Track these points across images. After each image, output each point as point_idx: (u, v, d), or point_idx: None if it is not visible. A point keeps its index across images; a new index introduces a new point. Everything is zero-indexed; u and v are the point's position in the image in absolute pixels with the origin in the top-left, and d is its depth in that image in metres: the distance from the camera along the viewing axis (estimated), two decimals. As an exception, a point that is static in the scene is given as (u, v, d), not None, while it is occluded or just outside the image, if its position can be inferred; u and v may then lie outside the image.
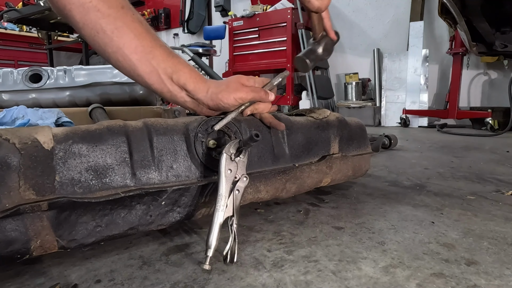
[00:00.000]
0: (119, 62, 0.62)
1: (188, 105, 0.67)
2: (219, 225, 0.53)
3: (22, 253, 0.47)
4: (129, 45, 0.60)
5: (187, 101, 0.66)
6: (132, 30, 0.60)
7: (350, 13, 4.30)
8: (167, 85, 0.63)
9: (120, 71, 0.64)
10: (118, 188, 0.52)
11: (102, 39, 0.60)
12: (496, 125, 2.90)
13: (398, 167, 1.34)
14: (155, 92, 0.66)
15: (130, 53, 0.60)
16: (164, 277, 0.51)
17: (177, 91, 0.64)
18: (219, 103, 0.63)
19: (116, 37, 0.59)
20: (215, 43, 4.60)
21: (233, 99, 0.63)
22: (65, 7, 0.58)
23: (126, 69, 0.63)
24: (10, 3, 3.54)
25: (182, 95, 0.65)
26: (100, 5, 0.58)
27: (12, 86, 1.44)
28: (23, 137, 0.47)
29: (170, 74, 0.63)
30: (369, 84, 4.09)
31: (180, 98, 0.65)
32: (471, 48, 2.35)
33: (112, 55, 0.61)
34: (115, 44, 0.60)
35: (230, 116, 0.64)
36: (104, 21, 0.58)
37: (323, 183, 0.83)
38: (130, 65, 0.61)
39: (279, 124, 0.71)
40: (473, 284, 0.48)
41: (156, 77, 0.63)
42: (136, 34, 0.60)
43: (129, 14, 0.61)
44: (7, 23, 4.71)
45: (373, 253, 0.58)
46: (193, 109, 0.67)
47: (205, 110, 0.66)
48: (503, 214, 0.78)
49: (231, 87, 0.64)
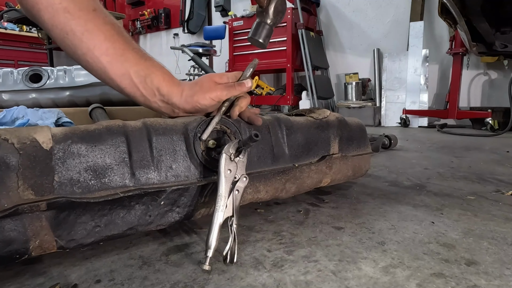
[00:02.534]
0: (89, 64, 0.60)
1: (162, 110, 0.64)
2: (219, 225, 0.53)
3: (21, 253, 0.47)
4: (100, 47, 0.58)
5: (162, 106, 0.63)
6: (103, 32, 0.58)
7: (350, 13, 4.30)
8: (140, 88, 0.61)
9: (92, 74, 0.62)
10: (117, 188, 0.52)
11: (71, 40, 0.58)
12: (496, 125, 2.90)
13: (398, 167, 1.34)
14: (128, 96, 0.64)
15: (101, 55, 0.59)
16: (164, 277, 0.51)
17: (150, 95, 0.62)
18: (195, 105, 0.62)
19: (86, 39, 0.58)
20: (215, 43, 4.60)
21: (209, 99, 0.61)
22: (33, 7, 0.57)
23: (97, 72, 0.61)
24: (10, 3, 3.54)
25: (155, 99, 0.63)
26: (70, 6, 0.56)
27: (12, 86, 1.44)
28: (22, 137, 0.47)
29: (143, 77, 0.61)
30: (369, 84, 4.09)
31: (153, 103, 0.63)
32: (471, 48, 2.35)
33: (82, 57, 0.60)
34: (85, 46, 0.58)
35: (214, 121, 0.61)
36: (74, 23, 0.57)
37: (323, 183, 0.83)
38: (100, 67, 0.60)
39: (256, 118, 0.67)
40: (473, 284, 0.48)
41: (128, 80, 0.61)
42: (107, 36, 0.59)
43: (101, 16, 0.59)
44: (7, 23, 4.72)
45: (373, 253, 0.58)
46: (168, 114, 0.65)
47: (181, 114, 0.64)
48: (503, 214, 0.78)
49: (205, 87, 0.62)
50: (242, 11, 4.39)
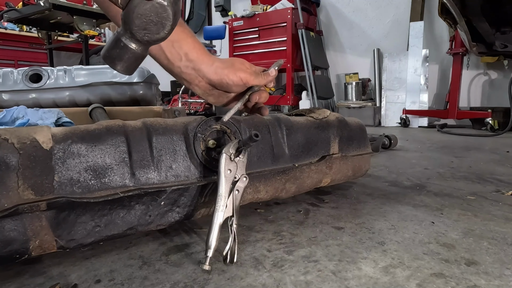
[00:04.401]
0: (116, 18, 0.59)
1: (183, 76, 0.64)
2: (219, 225, 0.53)
3: (21, 253, 0.47)
4: None
5: (184, 72, 0.63)
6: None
7: (350, 13, 4.30)
8: (165, 51, 0.61)
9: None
10: (117, 188, 0.52)
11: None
12: (496, 125, 2.90)
13: (398, 167, 1.34)
14: (153, 57, 0.63)
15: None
16: (164, 277, 0.51)
17: (175, 59, 0.62)
18: (223, 78, 0.63)
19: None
20: (215, 43, 4.60)
21: (238, 78, 0.63)
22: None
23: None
24: (10, 3, 3.53)
25: (179, 64, 0.63)
26: None
27: (12, 86, 1.44)
28: (22, 137, 0.47)
29: (171, 41, 0.60)
30: (369, 84, 4.09)
31: (177, 67, 0.63)
32: (471, 48, 2.35)
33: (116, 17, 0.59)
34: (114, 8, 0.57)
35: (237, 106, 0.64)
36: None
37: (323, 183, 0.83)
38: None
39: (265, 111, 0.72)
40: (473, 284, 0.48)
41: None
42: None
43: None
44: (7, 23, 4.71)
45: (373, 253, 0.58)
46: (188, 81, 0.65)
47: (203, 84, 0.64)
48: (503, 214, 0.78)
49: (236, 67, 0.64)
50: (242, 11, 4.39)
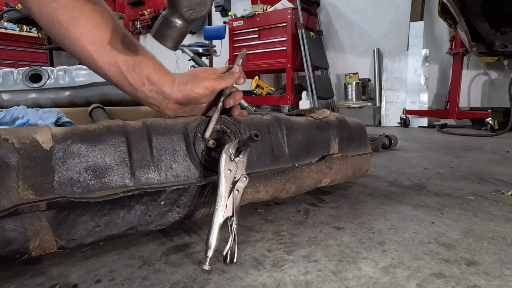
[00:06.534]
0: (77, 53, 0.59)
1: (150, 101, 0.63)
2: (219, 225, 0.53)
3: (21, 253, 0.47)
4: (87, 36, 0.57)
5: (149, 96, 0.62)
6: (90, 20, 0.57)
7: (350, 13, 4.30)
8: (127, 77, 0.60)
9: (81, 63, 0.61)
10: (117, 188, 0.52)
11: (58, 30, 0.57)
12: (496, 125, 2.89)
13: (398, 167, 1.34)
14: (116, 85, 0.62)
15: (88, 44, 0.57)
16: (164, 277, 0.51)
17: (138, 85, 0.61)
18: (188, 94, 0.61)
19: (72, 28, 0.56)
20: (215, 43, 4.60)
21: (203, 88, 0.61)
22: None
23: (85, 61, 0.60)
24: (10, 3, 3.54)
25: (143, 89, 0.61)
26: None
27: (12, 86, 1.44)
28: (22, 136, 0.47)
29: (132, 65, 0.59)
30: (369, 84, 4.09)
31: (141, 92, 0.62)
32: (471, 48, 2.35)
33: (70, 46, 0.58)
34: (72, 35, 0.57)
35: (214, 118, 0.61)
36: (60, 12, 0.55)
37: (323, 183, 0.83)
38: (88, 56, 0.59)
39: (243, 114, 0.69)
40: (473, 284, 0.48)
41: (116, 69, 0.59)
42: (95, 24, 0.57)
43: (89, 4, 0.57)
44: (7, 23, 4.71)
45: (373, 253, 0.58)
46: (156, 105, 0.64)
47: (171, 105, 0.63)
48: (503, 214, 0.78)
49: (198, 77, 0.62)
50: (242, 11, 4.38)
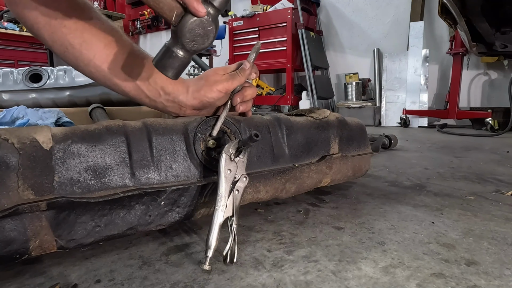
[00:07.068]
0: (93, 74, 0.60)
1: (169, 110, 0.64)
2: (219, 225, 0.53)
3: (21, 253, 0.47)
4: (100, 56, 0.59)
5: (168, 106, 0.63)
6: (101, 40, 0.59)
7: (350, 13, 4.30)
8: (144, 90, 0.61)
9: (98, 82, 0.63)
10: (117, 188, 0.52)
11: (72, 53, 0.58)
12: (496, 125, 2.89)
13: (398, 167, 1.34)
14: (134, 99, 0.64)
15: (102, 63, 0.59)
16: (164, 277, 0.51)
17: (155, 96, 0.62)
18: (203, 100, 0.61)
19: (85, 50, 0.58)
20: (215, 43, 4.59)
21: (216, 92, 0.61)
22: (32, 26, 0.57)
23: (101, 80, 0.61)
24: (10, 3, 3.53)
25: (161, 99, 0.63)
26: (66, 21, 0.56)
27: (12, 86, 1.44)
28: (22, 137, 0.47)
29: (146, 78, 0.61)
30: (369, 84, 4.09)
31: (159, 103, 0.63)
32: (471, 48, 2.35)
33: (85, 68, 0.60)
34: (85, 57, 0.58)
35: (222, 116, 0.62)
36: (71, 36, 0.57)
37: (323, 183, 0.83)
38: (104, 75, 0.60)
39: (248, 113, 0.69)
40: (473, 284, 0.48)
41: (132, 84, 0.61)
42: (106, 43, 0.59)
43: (97, 24, 0.59)
44: (7, 23, 4.71)
45: (373, 253, 0.58)
46: (175, 113, 0.65)
47: (189, 111, 0.64)
48: (503, 214, 0.78)
49: (210, 81, 0.62)
50: (242, 11, 4.39)
